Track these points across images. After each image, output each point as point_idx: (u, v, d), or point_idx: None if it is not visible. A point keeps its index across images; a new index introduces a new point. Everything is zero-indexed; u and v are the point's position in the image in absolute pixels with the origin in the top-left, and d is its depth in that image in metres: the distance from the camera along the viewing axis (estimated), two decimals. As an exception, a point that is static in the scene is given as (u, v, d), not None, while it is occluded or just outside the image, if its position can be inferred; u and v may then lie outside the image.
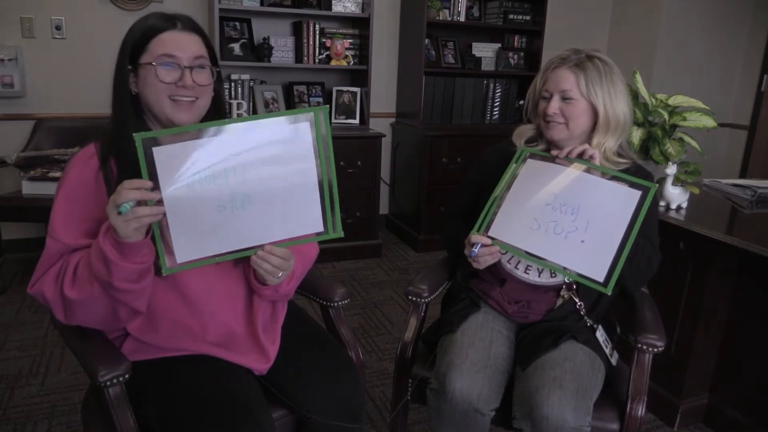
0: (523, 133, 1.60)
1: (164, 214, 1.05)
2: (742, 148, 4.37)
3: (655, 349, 1.39)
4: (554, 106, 1.46)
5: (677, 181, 1.94)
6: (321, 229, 1.17)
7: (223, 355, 1.25)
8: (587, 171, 1.39)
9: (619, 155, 1.52)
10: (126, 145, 1.12)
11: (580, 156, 1.40)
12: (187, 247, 1.08)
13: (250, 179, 1.10)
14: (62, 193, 1.17)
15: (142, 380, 1.19)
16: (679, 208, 1.97)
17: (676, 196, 1.95)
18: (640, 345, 1.40)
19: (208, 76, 1.21)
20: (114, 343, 1.25)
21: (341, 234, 1.18)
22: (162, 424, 1.16)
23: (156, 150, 1.02)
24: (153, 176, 1.03)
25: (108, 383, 1.13)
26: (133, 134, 1.02)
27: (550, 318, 1.49)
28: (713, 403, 2.10)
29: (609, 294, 1.31)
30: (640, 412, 1.37)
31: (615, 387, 1.49)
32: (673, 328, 2.06)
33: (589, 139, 1.50)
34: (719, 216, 2.08)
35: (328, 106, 1.19)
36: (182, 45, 1.18)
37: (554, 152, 1.44)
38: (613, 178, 1.37)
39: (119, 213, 1.00)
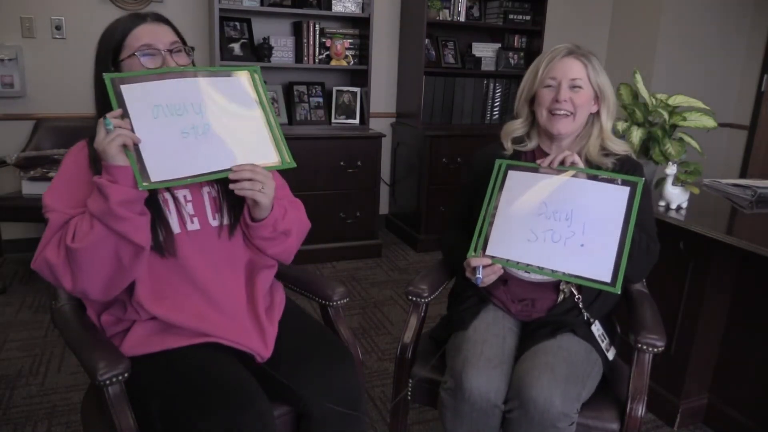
0: (512, 130, 1.61)
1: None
2: (742, 148, 4.37)
3: (655, 349, 1.39)
4: (565, 93, 1.47)
5: (677, 181, 1.94)
6: (275, 159, 1.29)
7: (226, 334, 1.27)
8: (572, 175, 1.40)
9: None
10: None
11: (562, 163, 1.42)
12: (159, 167, 1.16)
13: (207, 114, 1.23)
14: (59, 177, 1.24)
15: (143, 376, 1.20)
16: (679, 208, 1.97)
17: (676, 196, 1.95)
18: (640, 345, 1.40)
19: (186, 57, 1.31)
20: (114, 340, 1.26)
21: (294, 164, 1.29)
22: (164, 418, 1.16)
23: (123, 87, 1.16)
24: (122, 108, 1.15)
25: (107, 382, 1.13)
26: (103, 74, 1.16)
27: (552, 314, 1.49)
28: (713, 403, 2.10)
29: (618, 293, 1.32)
30: (640, 412, 1.37)
31: (615, 387, 1.49)
32: (673, 328, 2.06)
33: (588, 132, 1.54)
34: (719, 216, 2.08)
35: (259, 66, 1.35)
36: (156, 34, 1.27)
37: (539, 162, 1.46)
38: (599, 178, 1.38)
39: (106, 129, 1.10)
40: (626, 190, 1.34)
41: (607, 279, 1.30)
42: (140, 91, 1.17)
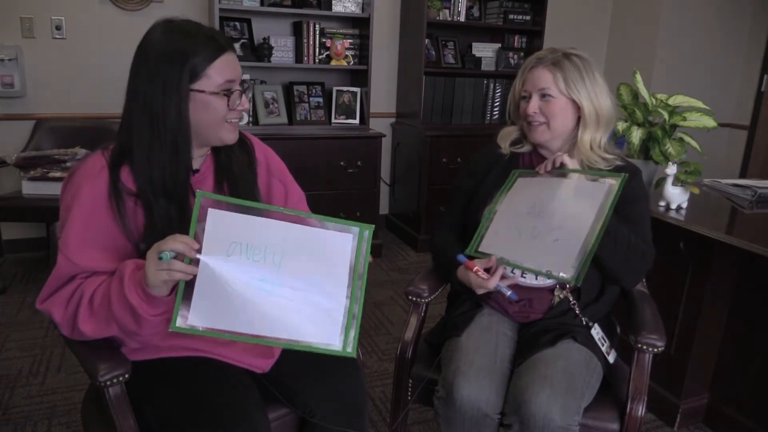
0: (507, 135, 1.62)
1: (194, 276, 1.04)
2: (742, 148, 4.37)
3: (655, 349, 1.39)
4: (534, 105, 1.48)
5: (677, 181, 1.94)
6: (336, 343, 1.10)
7: (226, 354, 1.25)
8: (565, 176, 1.42)
9: (606, 151, 1.54)
10: (176, 179, 1.15)
11: (554, 166, 1.44)
12: (203, 313, 1.06)
13: (284, 267, 1.08)
14: (77, 210, 1.13)
15: (140, 381, 1.19)
16: (679, 208, 1.97)
17: (676, 196, 1.95)
18: (640, 345, 1.40)
19: (246, 100, 1.23)
20: (114, 343, 1.25)
21: (354, 355, 1.11)
22: (159, 425, 1.16)
23: (212, 211, 1.04)
24: (198, 235, 1.04)
25: (108, 383, 1.13)
26: (197, 191, 1.04)
27: (550, 316, 1.49)
28: (713, 403, 2.10)
29: (576, 284, 1.34)
30: (640, 412, 1.37)
31: (615, 387, 1.49)
32: (673, 328, 2.06)
33: (575, 137, 1.52)
34: (719, 216, 2.08)
35: (374, 226, 1.14)
36: (237, 68, 1.18)
37: (537, 168, 1.48)
38: (589, 177, 1.41)
39: (159, 258, 1.01)
40: (605, 185, 1.36)
41: (567, 274, 1.32)
42: (228, 221, 1.05)
